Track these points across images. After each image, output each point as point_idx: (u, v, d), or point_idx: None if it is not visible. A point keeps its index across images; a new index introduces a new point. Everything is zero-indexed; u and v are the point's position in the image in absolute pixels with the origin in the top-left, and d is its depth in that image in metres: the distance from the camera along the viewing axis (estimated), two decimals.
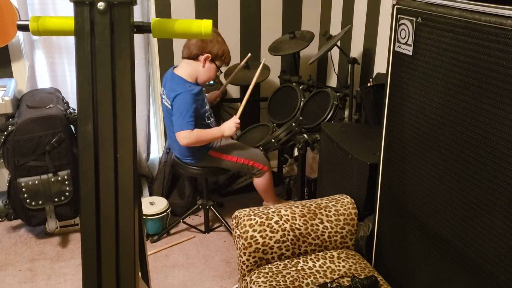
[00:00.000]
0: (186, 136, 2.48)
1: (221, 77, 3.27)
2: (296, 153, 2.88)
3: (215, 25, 3.30)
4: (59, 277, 2.57)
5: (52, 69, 3.08)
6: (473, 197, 1.41)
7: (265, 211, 1.95)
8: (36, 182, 2.69)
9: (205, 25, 1.16)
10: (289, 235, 1.92)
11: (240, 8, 3.34)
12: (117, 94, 1.08)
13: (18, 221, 3.03)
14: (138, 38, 3.09)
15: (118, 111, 1.07)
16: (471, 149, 1.39)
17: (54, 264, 2.67)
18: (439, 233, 1.58)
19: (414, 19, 1.55)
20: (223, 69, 2.85)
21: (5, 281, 2.54)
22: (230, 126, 2.63)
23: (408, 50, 1.61)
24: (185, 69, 2.61)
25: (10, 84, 2.89)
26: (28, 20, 1.15)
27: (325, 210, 2.01)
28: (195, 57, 2.59)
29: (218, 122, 2.94)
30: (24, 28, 1.15)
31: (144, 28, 1.16)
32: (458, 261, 1.52)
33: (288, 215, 1.95)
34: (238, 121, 2.63)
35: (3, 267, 2.65)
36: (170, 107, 2.57)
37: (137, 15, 3.04)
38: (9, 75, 3.04)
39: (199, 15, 3.26)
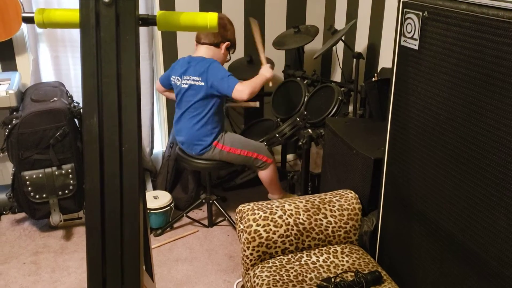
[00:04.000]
0: (242, 88, 2.55)
1: None
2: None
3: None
4: (63, 270, 2.58)
5: (56, 62, 3.08)
6: (478, 192, 1.41)
7: (269, 206, 1.95)
8: (40, 175, 2.69)
9: (211, 18, 1.15)
10: (292, 229, 1.92)
11: (245, 2, 3.32)
12: (122, 87, 1.07)
13: (22, 214, 3.04)
14: (142, 32, 3.09)
15: (123, 104, 1.07)
16: (477, 144, 1.39)
17: (58, 257, 2.68)
18: (444, 229, 1.57)
19: (420, 13, 1.54)
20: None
21: (9, 273, 2.55)
22: (266, 69, 2.75)
23: (414, 45, 1.60)
24: (206, 53, 2.72)
25: (14, 77, 2.89)
26: (33, 13, 1.14)
27: (329, 205, 2.01)
28: (217, 44, 2.72)
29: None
30: (29, 20, 1.15)
31: (149, 21, 1.16)
32: (462, 257, 1.51)
33: (292, 210, 1.94)
34: (269, 64, 2.79)
35: (8, 260, 2.66)
36: (201, 83, 2.62)
37: (141, 9, 3.03)
38: (13, 68, 3.04)
39: (203, 8, 3.25)
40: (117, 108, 1.07)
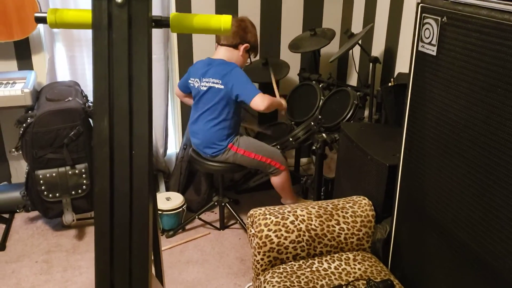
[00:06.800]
0: (262, 99, 2.55)
1: None
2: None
3: None
4: (74, 270, 2.58)
5: (72, 62, 3.10)
6: (495, 203, 1.37)
7: (281, 211, 1.93)
8: (54, 174, 2.70)
9: (225, 20, 1.13)
10: (304, 235, 1.89)
11: (261, 4, 3.31)
12: (134, 90, 1.06)
13: (35, 213, 3.06)
14: (158, 33, 3.09)
15: (135, 107, 1.06)
16: (495, 153, 1.35)
17: (70, 257, 2.69)
18: (459, 239, 1.54)
19: (439, 19, 1.51)
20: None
21: (21, 272, 2.56)
22: (282, 99, 2.85)
23: (432, 50, 1.56)
24: (224, 54, 2.71)
25: (30, 76, 2.91)
26: (45, 12, 1.14)
27: (342, 211, 1.98)
28: (235, 46, 2.71)
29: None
30: (41, 20, 1.14)
31: (162, 23, 1.15)
32: (477, 268, 1.47)
33: (304, 215, 1.92)
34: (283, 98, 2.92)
35: (20, 258, 2.67)
36: (220, 86, 2.61)
37: (157, 10, 3.03)
38: (29, 67, 3.07)
39: (219, 11, 3.24)
40: (128, 111, 1.06)
